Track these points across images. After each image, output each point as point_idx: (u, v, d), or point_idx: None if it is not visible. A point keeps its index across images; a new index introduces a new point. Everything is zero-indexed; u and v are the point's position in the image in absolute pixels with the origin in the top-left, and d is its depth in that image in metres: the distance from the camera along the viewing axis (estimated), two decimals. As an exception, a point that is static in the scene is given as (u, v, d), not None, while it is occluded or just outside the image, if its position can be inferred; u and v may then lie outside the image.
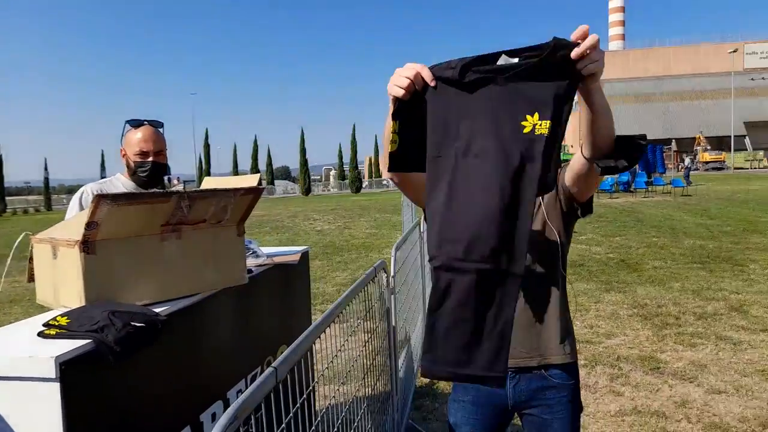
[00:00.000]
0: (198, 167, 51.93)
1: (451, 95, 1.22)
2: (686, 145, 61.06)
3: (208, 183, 2.25)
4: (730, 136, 56.56)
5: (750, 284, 6.76)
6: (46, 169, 56.13)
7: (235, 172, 55.35)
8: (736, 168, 51.87)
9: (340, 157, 54.83)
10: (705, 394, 3.71)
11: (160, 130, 2.38)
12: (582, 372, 4.17)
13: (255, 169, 49.15)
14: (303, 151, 50.74)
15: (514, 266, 1.19)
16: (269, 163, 53.42)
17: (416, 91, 1.25)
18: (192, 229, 1.76)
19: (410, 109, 1.26)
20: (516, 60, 1.17)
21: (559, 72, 1.15)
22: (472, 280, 1.18)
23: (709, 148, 56.85)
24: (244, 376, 2.15)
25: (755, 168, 52.94)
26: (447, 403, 1.87)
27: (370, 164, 59.24)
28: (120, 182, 2.36)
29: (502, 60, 1.18)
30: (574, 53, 1.11)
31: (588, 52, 1.12)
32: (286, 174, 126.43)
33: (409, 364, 3.93)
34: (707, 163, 53.83)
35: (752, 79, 70.06)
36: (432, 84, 1.23)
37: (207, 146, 51.16)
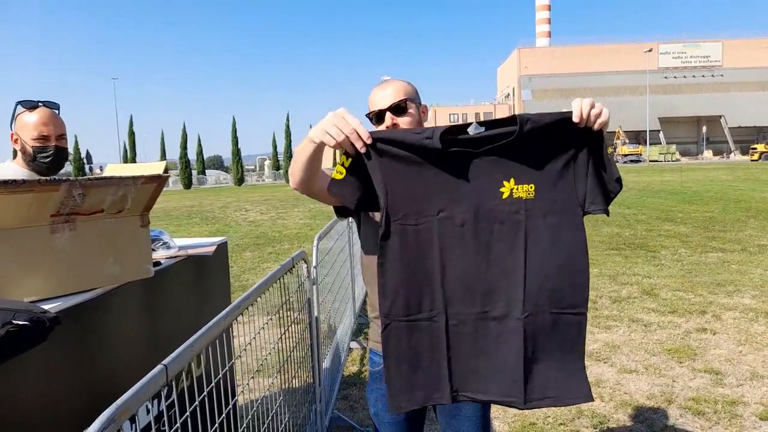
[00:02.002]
0: (123, 156, 49.45)
1: (424, 164, 1.32)
2: (607, 139, 64.18)
3: (111, 170, 2.11)
4: (646, 131, 60.05)
5: (660, 269, 7.20)
6: (-51, 157, 51.89)
7: (163, 160, 52.97)
8: (651, 161, 55.22)
9: (274, 146, 53.71)
10: (617, 374, 3.91)
11: (56, 112, 2.20)
12: (505, 357, 4.29)
13: (184, 159, 47.35)
14: (235, 139, 49.36)
15: (515, 311, 1.37)
16: (200, 152, 51.54)
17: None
18: (87, 220, 1.63)
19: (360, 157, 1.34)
20: (484, 129, 1.31)
21: (537, 140, 1.32)
22: (476, 326, 1.38)
23: (627, 141, 60.16)
24: (153, 374, 2.04)
25: (668, 161, 56.56)
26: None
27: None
28: (12, 170, 2.16)
29: (473, 128, 1.31)
30: (576, 118, 1.29)
31: (585, 114, 1.29)
32: (218, 164, 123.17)
33: (336, 354, 3.90)
34: (626, 155, 56.97)
35: (665, 77, 74.59)
36: (362, 149, 1.31)
37: (132, 134, 48.68)
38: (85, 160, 46.35)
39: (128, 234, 1.78)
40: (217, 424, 1.43)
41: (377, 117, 1.69)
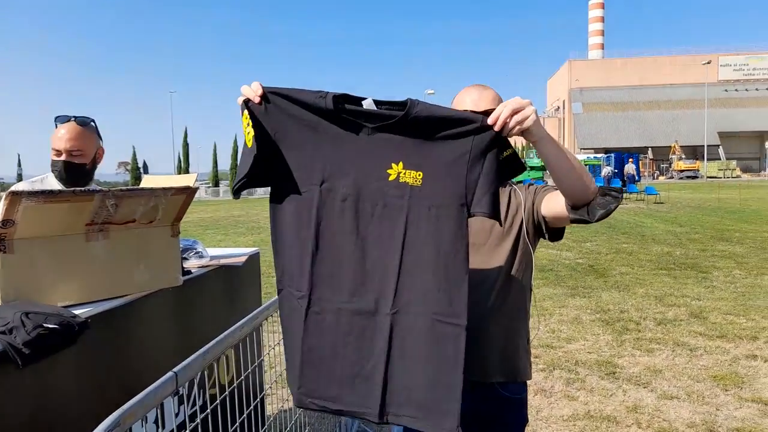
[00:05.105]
0: (177, 166, 51.42)
1: (316, 129, 1.25)
2: (662, 154, 62.20)
3: (147, 182, 2.21)
4: (703, 146, 57.78)
5: (712, 291, 6.89)
6: (19, 164, 55.15)
7: (215, 171, 54.85)
8: (709, 177, 52.97)
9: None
10: (657, 400, 3.76)
11: (91, 125, 2.27)
12: (539, 376, 4.20)
13: (234, 169, 48.72)
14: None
15: (384, 307, 1.25)
16: (249, 163, 52.75)
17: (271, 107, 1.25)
18: (120, 229, 1.72)
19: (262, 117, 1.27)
20: (375, 108, 1.25)
21: (431, 129, 1.24)
22: (338, 318, 1.27)
23: (684, 156, 58.01)
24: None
25: (728, 177, 54.11)
26: None
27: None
28: (55, 181, 2.28)
29: (368, 103, 1.25)
30: (495, 126, 1.21)
31: (501, 123, 1.20)
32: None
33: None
34: (682, 171, 54.91)
35: (726, 90, 71.70)
36: (257, 99, 1.24)
37: (186, 145, 50.57)
38: (141, 170, 48.48)
39: (159, 243, 1.86)
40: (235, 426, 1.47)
41: None
